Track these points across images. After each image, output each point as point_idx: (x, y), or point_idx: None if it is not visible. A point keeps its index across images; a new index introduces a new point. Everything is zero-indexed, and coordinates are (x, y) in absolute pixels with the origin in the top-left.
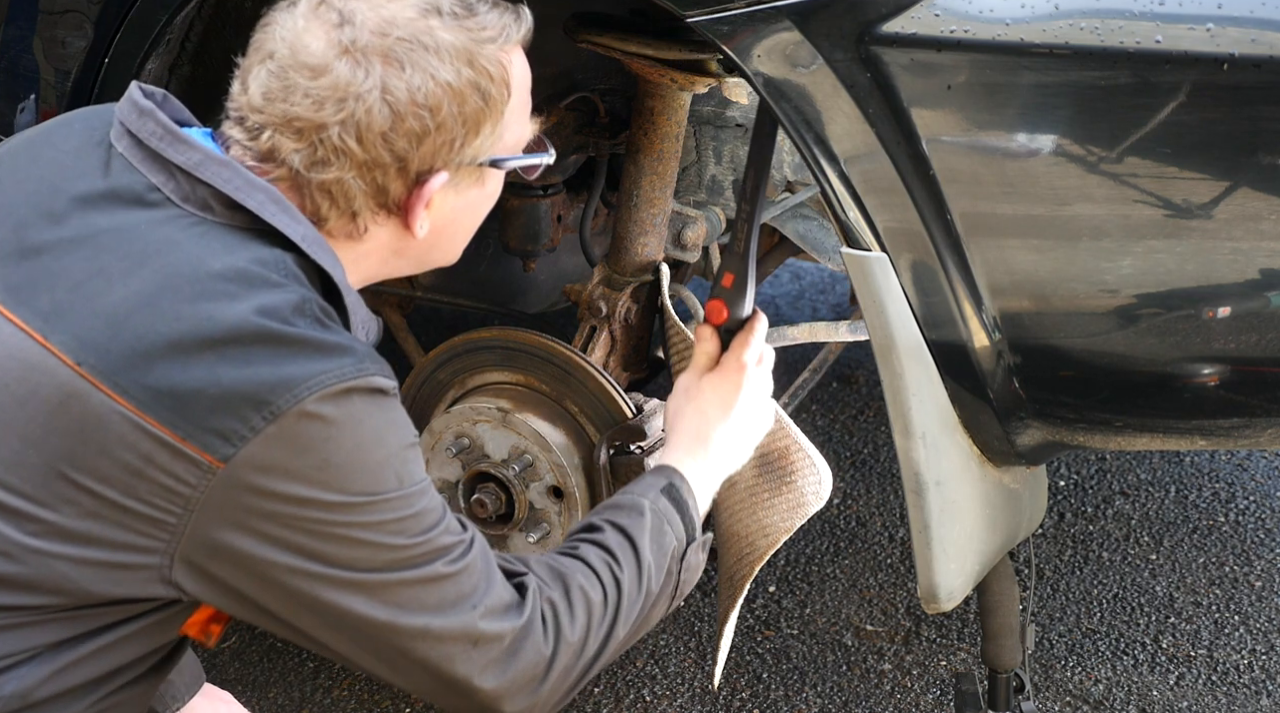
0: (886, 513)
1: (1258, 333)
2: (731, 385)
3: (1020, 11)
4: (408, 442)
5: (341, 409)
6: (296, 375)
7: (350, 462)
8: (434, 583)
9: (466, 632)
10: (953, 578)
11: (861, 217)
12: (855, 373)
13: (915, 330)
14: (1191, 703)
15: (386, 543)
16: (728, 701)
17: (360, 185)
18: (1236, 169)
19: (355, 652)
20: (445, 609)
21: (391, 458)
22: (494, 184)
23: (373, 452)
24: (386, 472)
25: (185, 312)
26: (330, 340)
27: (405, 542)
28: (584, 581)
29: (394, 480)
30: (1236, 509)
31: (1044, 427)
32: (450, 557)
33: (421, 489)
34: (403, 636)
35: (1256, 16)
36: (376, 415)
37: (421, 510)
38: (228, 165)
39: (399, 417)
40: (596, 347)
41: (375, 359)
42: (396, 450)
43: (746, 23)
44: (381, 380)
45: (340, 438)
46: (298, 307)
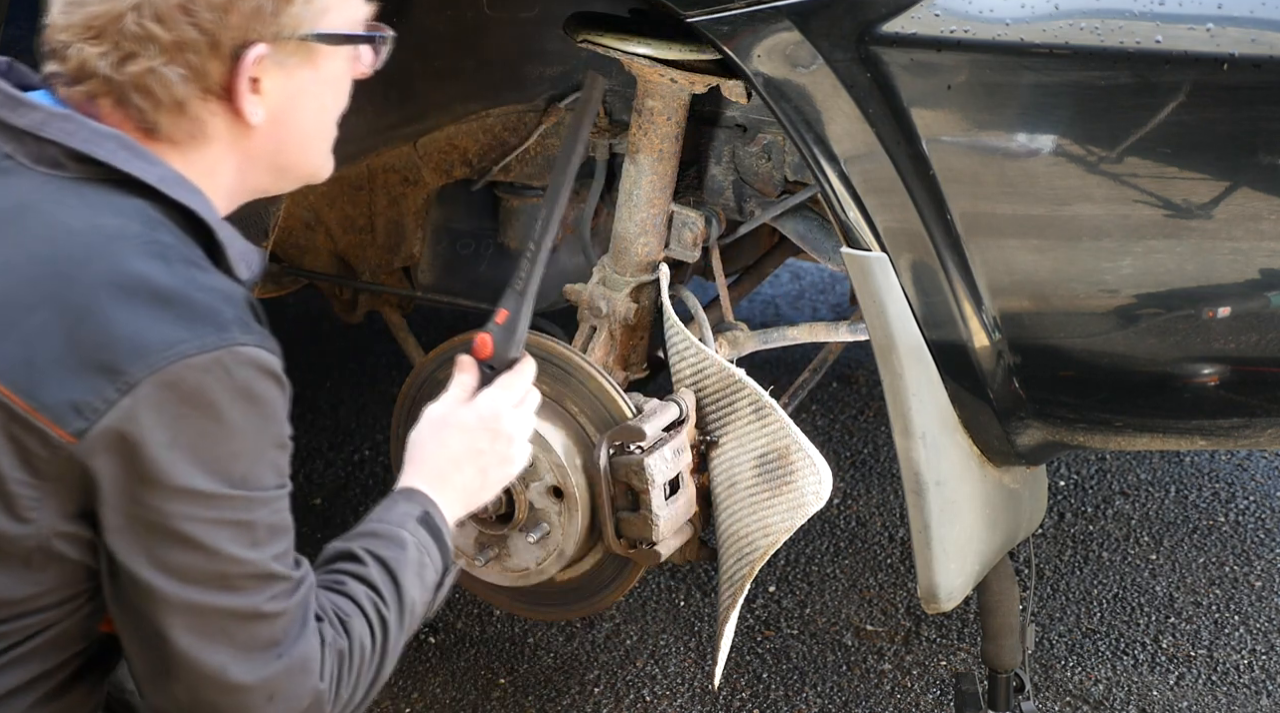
0: (886, 513)
1: (1258, 333)
2: (482, 428)
3: (1020, 11)
4: (273, 438)
5: (209, 380)
6: (155, 342)
7: (201, 444)
8: (248, 621)
9: (266, 685)
10: (953, 578)
11: (861, 217)
12: (855, 373)
13: (915, 330)
14: (1191, 703)
15: (219, 550)
16: (728, 701)
17: (176, 72)
18: (1236, 169)
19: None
20: (251, 654)
21: (248, 450)
22: (329, 67)
23: (233, 439)
24: (238, 465)
25: (43, 276)
26: (198, 301)
27: (237, 554)
28: (361, 629)
29: (241, 476)
30: (1236, 509)
31: (1044, 427)
32: (274, 592)
33: (271, 499)
34: (198, 671)
35: (1256, 16)
36: (237, 395)
37: (264, 524)
38: (69, 119)
39: (268, 406)
40: (596, 347)
41: (248, 327)
42: (255, 443)
43: (746, 23)
44: (254, 352)
45: (193, 416)
46: (162, 257)
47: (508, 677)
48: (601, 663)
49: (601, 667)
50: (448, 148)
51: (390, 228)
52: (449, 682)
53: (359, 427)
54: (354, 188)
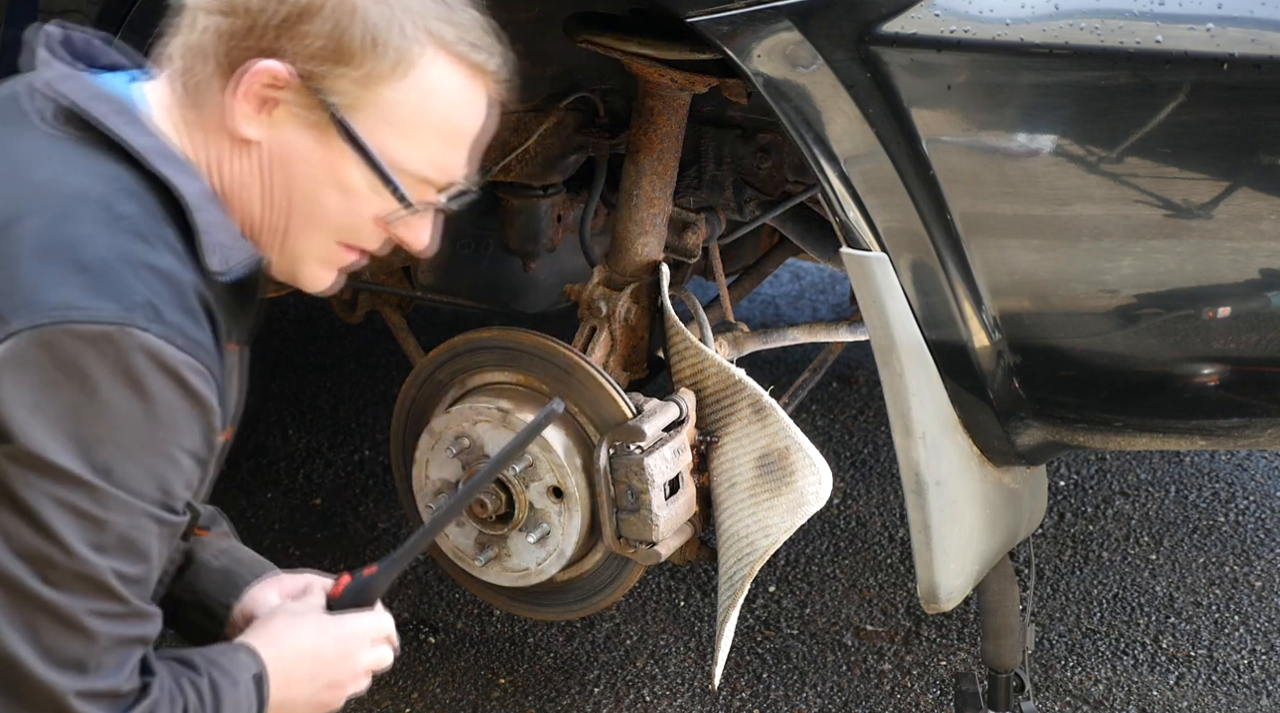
0: (886, 513)
1: (1258, 333)
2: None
3: (1020, 11)
4: (160, 444)
5: (83, 356)
6: (48, 301)
7: (65, 416)
8: (60, 625)
9: (55, 698)
10: (953, 578)
11: (861, 217)
12: (855, 373)
13: (915, 330)
14: (1191, 703)
15: (54, 532)
16: (728, 701)
17: (216, 38)
18: (1236, 169)
19: None
20: (54, 660)
21: (121, 441)
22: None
23: (101, 421)
24: (102, 451)
25: None
26: (115, 274)
27: (72, 545)
28: None
29: (105, 465)
30: (1236, 509)
31: (1044, 427)
32: (100, 607)
33: (136, 509)
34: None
35: (1256, 16)
36: (119, 379)
37: (118, 530)
38: (75, 78)
39: (158, 406)
40: (596, 347)
41: (159, 316)
42: (131, 437)
43: (746, 23)
44: (153, 342)
45: (66, 386)
46: (108, 225)
47: (508, 677)
48: (601, 663)
49: (601, 667)
50: None
51: None
52: (449, 682)
53: (359, 427)
54: None
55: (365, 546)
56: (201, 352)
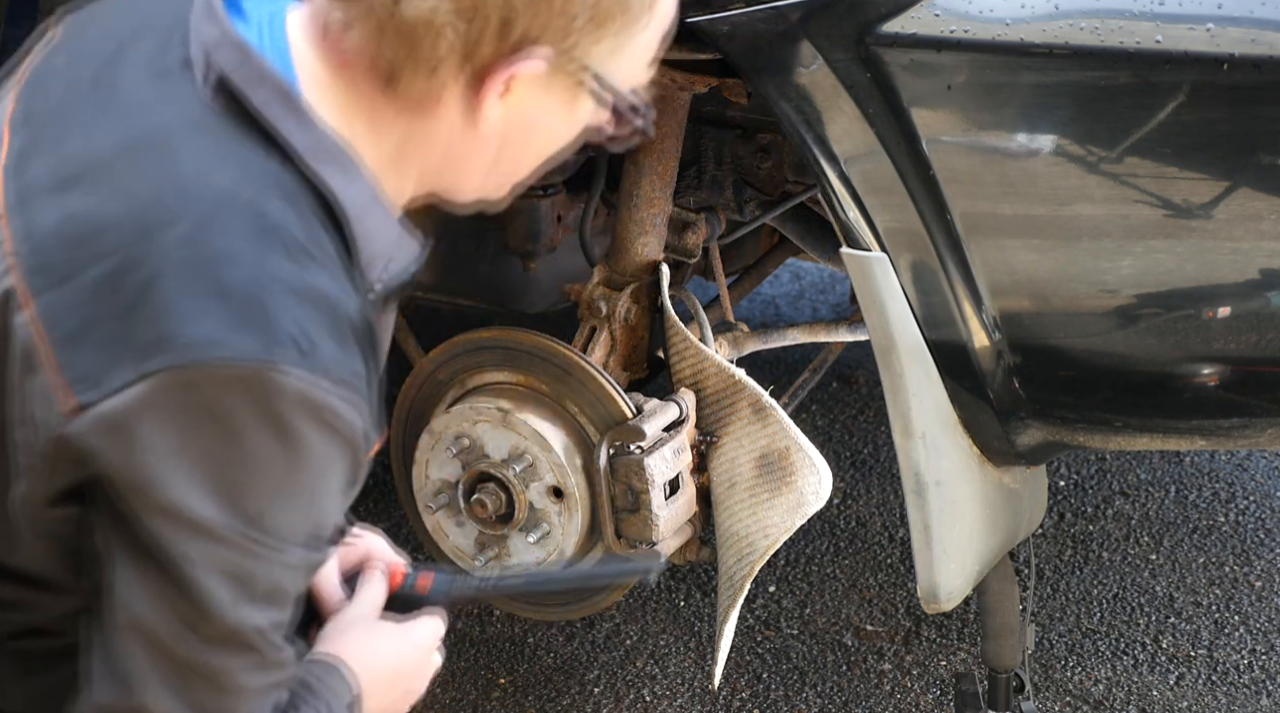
0: (886, 513)
1: (1258, 333)
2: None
3: (1020, 11)
4: (308, 490)
5: (224, 400)
6: (190, 337)
7: (209, 464)
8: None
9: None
10: (953, 578)
11: (861, 217)
12: (855, 373)
13: (915, 330)
14: (1191, 703)
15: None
16: (728, 701)
17: (453, 31)
18: (1236, 169)
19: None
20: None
21: (269, 487)
22: (581, 111)
23: (245, 470)
24: (251, 499)
25: (129, 222)
26: (262, 302)
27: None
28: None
29: (256, 513)
30: (1236, 509)
31: (1044, 427)
32: (247, 663)
33: (287, 557)
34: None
35: (1256, 16)
36: (264, 424)
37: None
38: (241, 49)
39: (306, 453)
40: (596, 347)
41: (310, 352)
42: (280, 483)
43: (746, 23)
44: (299, 384)
45: (208, 431)
46: (259, 238)
47: (508, 677)
48: (601, 663)
49: (601, 667)
50: None
51: None
52: (449, 682)
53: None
54: None
55: None
56: (352, 382)
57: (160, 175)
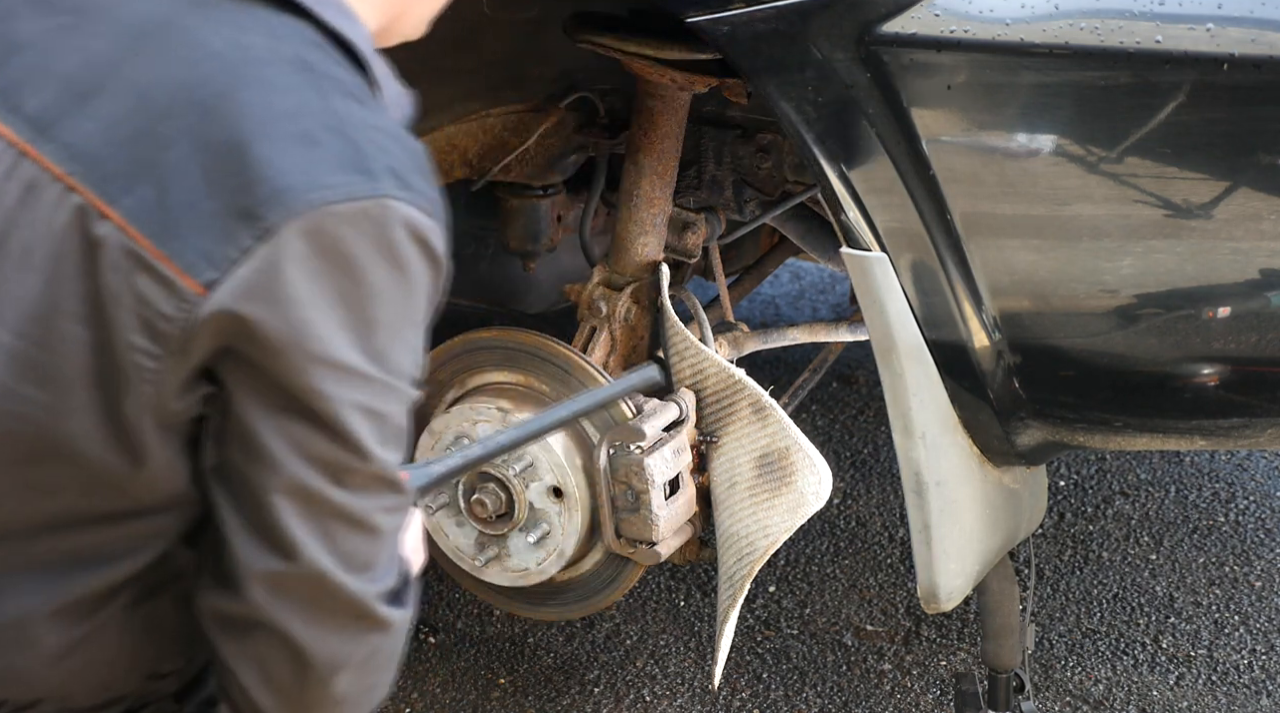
0: (886, 513)
1: (1258, 333)
2: None
3: (1020, 11)
4: (412, 317)
5: (363, 236)
6: (297, 185)
7: (342, 306)
8: (354, 528)
9: (359, 606)
10: (953, 578)
11: (861, 217)
12: (855, 373)
13: (915, 330)
14: (1191, 703)
15: (349, 435)
16: (728, 701)
17: None
18: (1236, 169)
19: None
20: (351, 567)
21: (388, 322)
22: None
23: (373, 306)
24: (377, 336)
25: (182, 106)
26: (352, 140)
27: (366, 445)
28: None
29: (395, 359)
30: (1236, 509)
31: (1044, 427)
32: (386, 503)
33: (404, 391)
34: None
35: (1256, 16)
36: (381, 255)
37: (395, 420)
38: None
39: (413, 278)
40: (596, 347)
41: (405, 181)
42: (395, 316)
43: (746, 23)
44: (406, 210)
45: (336, 274)
46: (315, 87)
47: (508, 677)
48: (601, 663)
49: (601, 667)
50: (448, 148)
51: None
52: (449, 682)
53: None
54: None
55: None
56: (440, 210)
57: (190, 54)
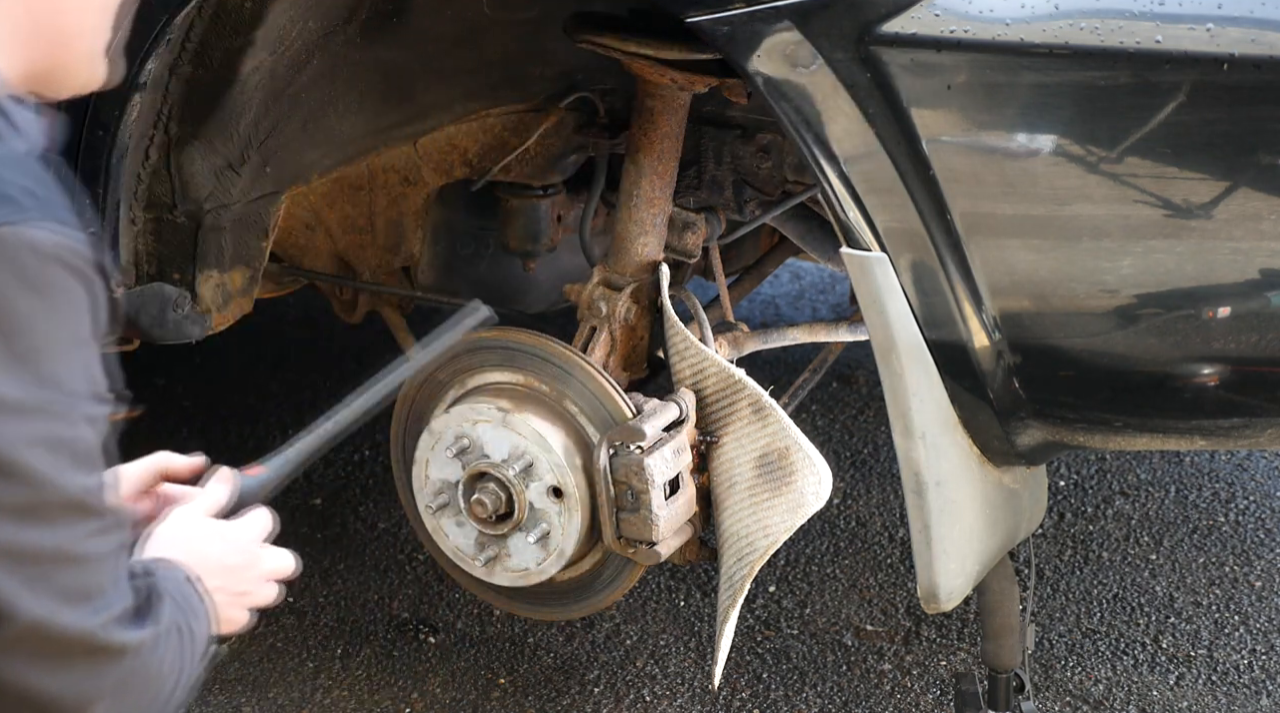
0: (886, 513)
1: (1258, 333)
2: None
3: (1020, 11)
4: (72, 335)
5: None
6: None
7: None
8: (66, 563)
9: (86, 640)
10: (953, 578)
11: (861, 217)
12: (855, 373)
13: (915, 330)
14: (1191, 703)
15: (30, 471)
16: (728, 701)
17: None
18: (1236, 169)
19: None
20: (71, 602)
21: (47, 345)
22: None
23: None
24: (40, 362)
25: None
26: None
27: (51, 476)
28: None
29: (50, 374)
30: (1236, 509)
31: (1044, 427)
32: (90, 529)
33: (85, 411)
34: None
35: (1256, 16)
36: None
37: (81, 441)
38: None
39: (59, 297)
40: (596, 347)
41: (16, 204)
42: (53, 338)
43: (746, 23)
44: (27, 233)
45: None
46: None
47: (508, 677)
48: (601, 663)
49: (601, 667)
50: (448, 148)
51: (390, 228)
52: (449, 682)
53: (358, 427)
54: (354, 188)
55: (365, 546)
56: (74, 221)
57: None
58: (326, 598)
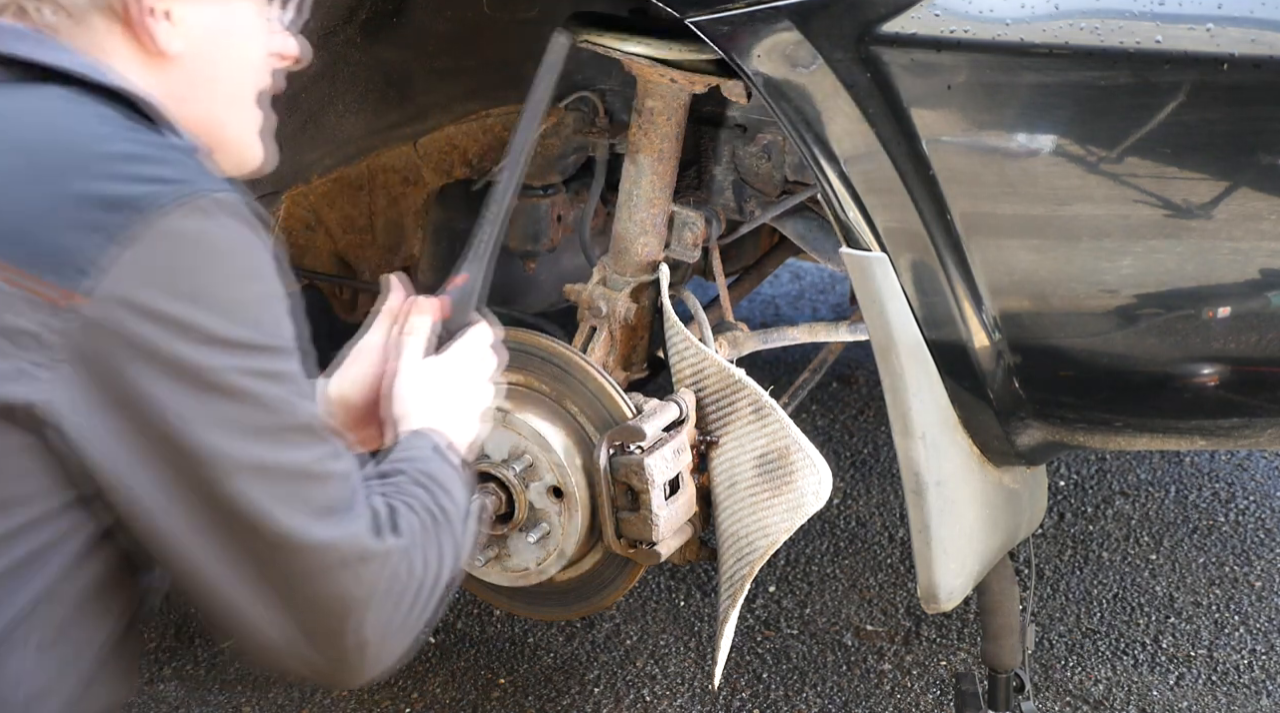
0: (886, 513)
1: (1258, 333)
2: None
3: (1020, 11)
4: (270, 285)
5: (209, 225)
6: (139, 196)
7: (221, 289)
8: (309, 480)
9: (349, 549)
10: (953, 578)
11: (861, 217)
12: (855, 373)
13: (915, 330)
14: (1191, 703)
15: (268, 400)
16: (728, 701)
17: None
18: (1236, 169)
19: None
20: (330, 516)
21: (270, 299)
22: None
23: (249, 284)
24: (264, 312)
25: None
26: (163, 157)
27: (285, 403)
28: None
29: (272, 325)
30: (1236, 509)
31: (1044, 427)
32: (322, 451)
33: (295, 351)
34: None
35: (1256, 16)
36: (249, 242)
37: (298, 376)
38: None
39: (256, 251)
40: (596, 347)
41: (214, 177)
42: (258, 289)
43: (746, 23)
44: (227, 198)
45: (208, 260)
46: (112, 123)
47: (508, 677)
48: (601, 663)
49: (601, 667)
50: (448, 148)
51: (390, 228)
52: (449, 682)
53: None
54: (354, 188)
55: None
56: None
57: None
58: None
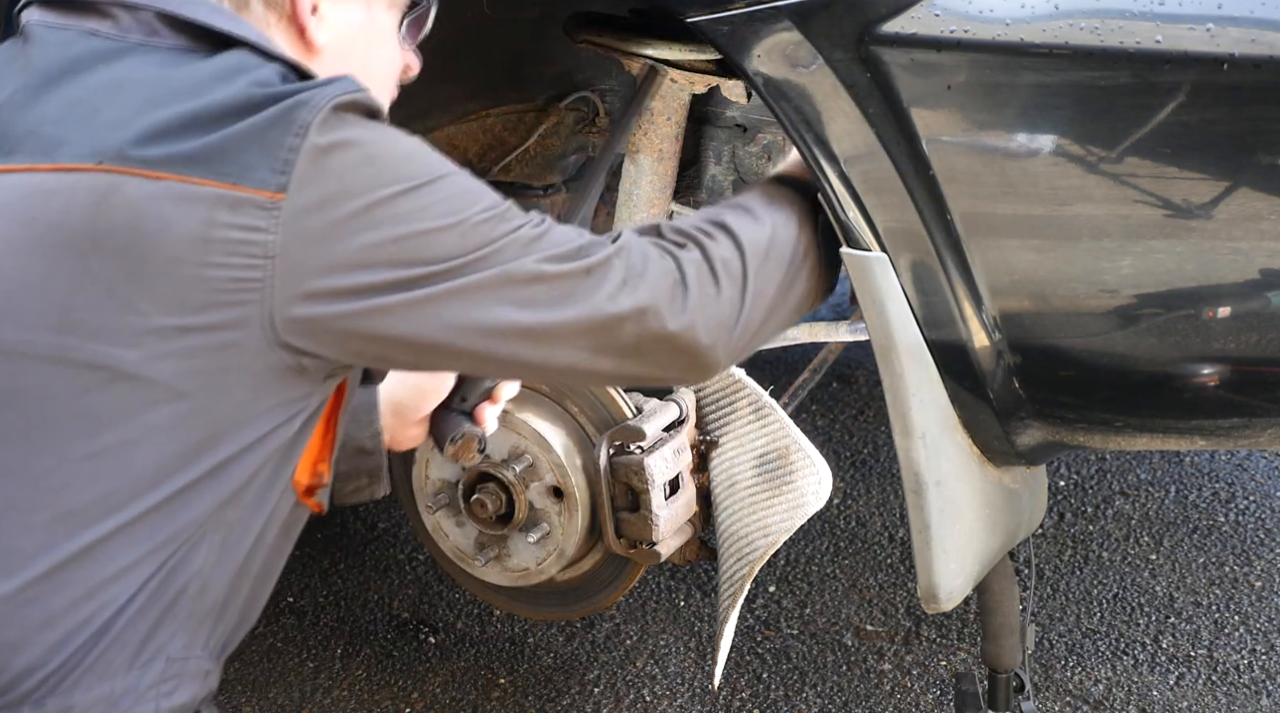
0: (886, 513)
1: (1258, 333)
2: None
3: (1020, 11)
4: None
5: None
6: (307, 95)
7: (390, 152)
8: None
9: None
10: (953, 578)
11: (861, 217)
12: (855, 373)
13: (915, 330)
14: (1191, 703)
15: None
16: (728, 701)
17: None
18: (1236, 169)
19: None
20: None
21: (422, 145)
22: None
23: (403, 140)
24: (427, 154)
25: (186, 104)
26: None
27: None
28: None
29: (437, 161)
30: (1236, 509)
31: (1044, 427)
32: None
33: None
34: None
35: (1256, 16)
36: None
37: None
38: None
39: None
40: None
41: None
42: (420, 142)
43: (746, 23)
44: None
45: (370, 135)
46: (286, 76)
47: (508, 677)
48: (601, 663)
49: (601, 667)
50: (448, 148)
51: None
52: (449, 682)
53: None
54: None
55: (365, 546)
56: None
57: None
58: (326, 598)
